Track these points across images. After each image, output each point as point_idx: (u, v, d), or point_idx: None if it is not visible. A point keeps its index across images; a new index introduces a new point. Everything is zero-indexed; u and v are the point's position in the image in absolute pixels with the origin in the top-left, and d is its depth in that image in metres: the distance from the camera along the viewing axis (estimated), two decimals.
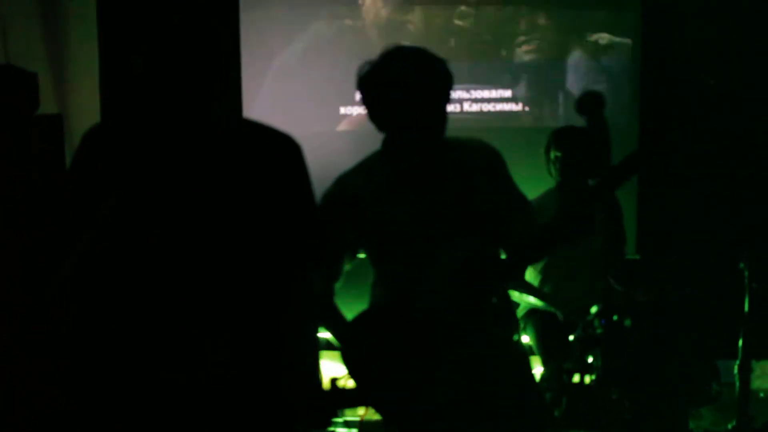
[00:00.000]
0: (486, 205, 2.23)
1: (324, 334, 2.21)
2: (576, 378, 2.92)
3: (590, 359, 2.91)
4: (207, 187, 1.71)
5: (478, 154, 2.27)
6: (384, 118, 2.17)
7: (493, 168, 2.29)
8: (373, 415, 4.04)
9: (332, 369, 2.26)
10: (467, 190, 2.22)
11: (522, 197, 2.36)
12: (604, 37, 4.66)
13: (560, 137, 3.52)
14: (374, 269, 2.31)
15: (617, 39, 4.66)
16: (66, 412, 2.02)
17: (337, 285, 2.30)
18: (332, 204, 2.22)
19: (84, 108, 3.93)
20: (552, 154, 3.52)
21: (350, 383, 2.17)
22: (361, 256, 2.32)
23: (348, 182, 2.24)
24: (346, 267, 2.30)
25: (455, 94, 4.22)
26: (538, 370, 3.43)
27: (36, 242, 2.52)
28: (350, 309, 2.26)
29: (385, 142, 2.24)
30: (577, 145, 3.44)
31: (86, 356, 1.72)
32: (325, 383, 2.02)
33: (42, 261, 2.48)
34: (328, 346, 2.39)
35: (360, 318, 2.24)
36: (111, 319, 1.70)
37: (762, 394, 3.53)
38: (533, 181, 3.12)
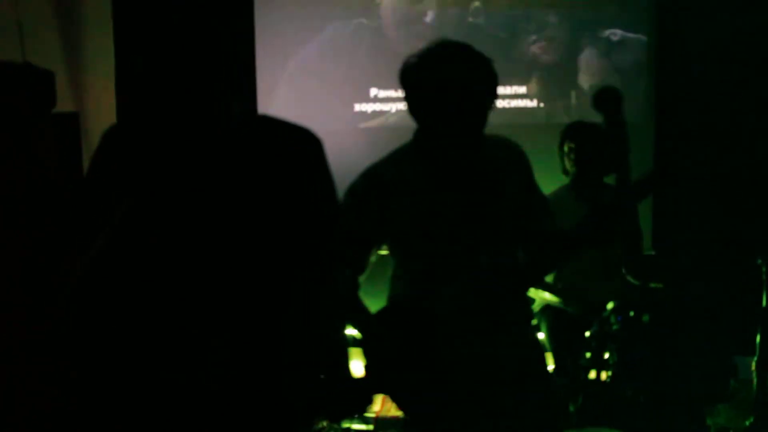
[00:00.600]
0: (513, 205, 2.24)
1: (351, 331, 2.22)
2: (592, 374, 2.91)
3: (606, 355, 2.90)
4: (227, 185, 1.71)
5: (507, 153, 2.28)
6: (428, 113, 2.14)
7: (520, 167, 2.30)
8: (388, 411, 4.05)
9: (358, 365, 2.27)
10: (497, 188, 2.22)
11: (544, 198, 2.37)
12: (616, 33, 4.65)
13: (573, 130, 3.52)
14: (396, 263, 2.30)
15: (631, 35, 4.65)
16: (71, 412, 2.03)
17: (362, 278, 2.28)
18: (361, 196, 2.20)
19: (100, 106, 3.95)
20: (566, 147, 3.52)
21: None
22: (382, 252, 2.32)
23: (378, 174, 2.21)
24: (372, 260, 2.29)
25: None
26: (550, 366, 3.43)
27: (52, 240, 2.53)
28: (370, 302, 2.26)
29: (420, 136, 2.21)
30: (590, 138, 3.44)
31: (102, 357, 1.73)
32: (356, 373, 2.02)
33: (57, 259, 2.50)
34: (354, 343, 2.39)
35: (383, 313, 2.25)
36: (129, 320, 1.70)
37: None
38: (546, 178, 3.12)
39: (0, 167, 2.44)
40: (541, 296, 3.48)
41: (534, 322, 3.54)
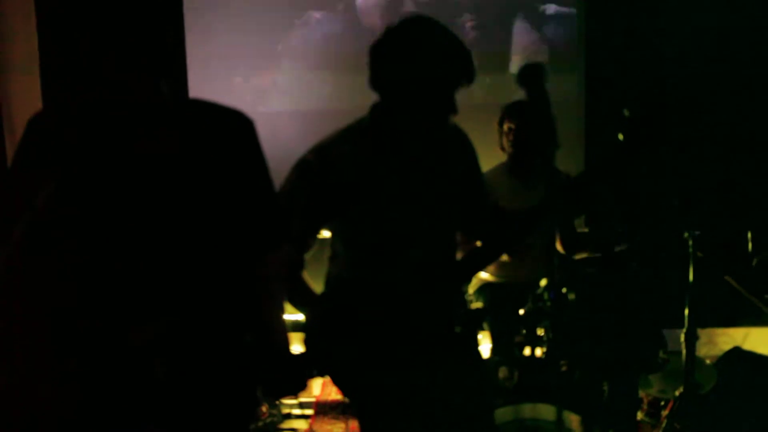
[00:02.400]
0: (461, 189, 2.25)
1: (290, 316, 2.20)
2: (527, 351, 2.95)
3: (541, 332, 2.95)
4: (156, 166, 1.68)
5: (456, 137, 2.28)
6: (396, 90, 2.08)
7: (468, 152, 2.31)
8: (329, 396, 4.05)
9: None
10: (448, 172, 2.22)
11: (484, 184, 2.39)
12: (549, 8, 4.68)
13: (513, 109, 3.54)
14: (338, 243, 2.25)
15: (563, 9, 4.68)
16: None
17: (307, 255, 2.25)
18: (310, 171, 2.14)
19: (22, 94, 3.83)
20: (506, 126, 3.55)
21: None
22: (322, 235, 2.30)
23: (330, 150, 2.16)
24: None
25: None
26: (487, 344, 3.47)
27: None
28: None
29: (378, 113, 2.16)
30: (530, 116, 3.46)
31: (30, 344, 1.69)
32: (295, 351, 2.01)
33: None
34: (293, 328, 2.38)
35: (325, 293, 2.23)
36: (53, 305, 1.66)
37: (708, 361, 3.60)
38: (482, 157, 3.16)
39: None
40: (478, 275, 3.51)
41: (473, 297, 3.59)
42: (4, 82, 3.73)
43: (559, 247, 3.61)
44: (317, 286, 2.28)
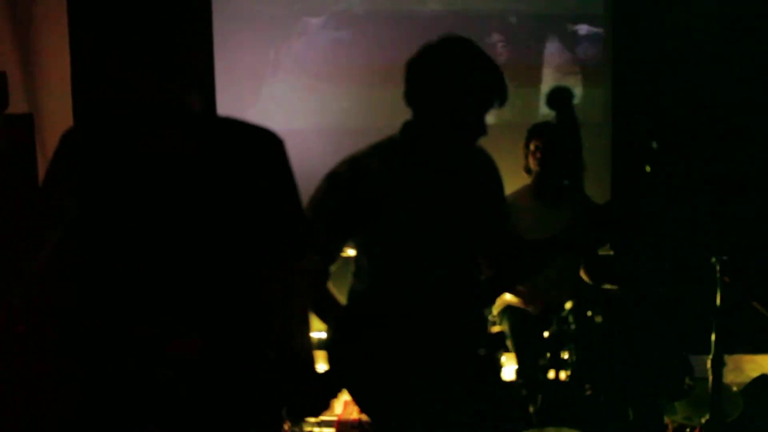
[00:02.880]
0: (485, 213, 2.27)
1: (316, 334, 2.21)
2: (551, 374, 2.93)
3: (565, 355, 2.93)
4: (189, 183, 1.70)
5: (483, 160, 2.30)
6: (432, 107, 2.11)
7: (493, 176, 2.34)
8: (350, 415, 4.04)
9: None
10: (476, 193, 2.25)
11: (507, 210, 2.41)
12: (579, 29, 4.68)
13: (541, 129, 3.54)
14: (363, 258, 2.27)
15: (592, 28, 4.69)
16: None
17: (333, 267, 2.26)
18: (341, 183, 2.17)
19: (55, 107, 3.89)
20: (532, 146, 3.54)
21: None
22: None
23: (361, 163, 2.18)
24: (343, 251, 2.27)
25: None
26: (512, 366, 3.45)
27: (6, 240, 2.49)
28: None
29: (411, 129, 2.18)
30: (557, 137, 3.46)
31: (60, 353, 1.71)
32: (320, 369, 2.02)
33: (11, 259, 2.46)
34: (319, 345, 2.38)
35: (349, 308, 2.24)
36: (86, 317, 1.68)
37: (735, 388, 3.55)
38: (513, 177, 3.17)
39: None
40: (502, 297, 3.50)
41: (497, 319, 3.58)
42: (38, 97, 3.79)
43: (583, 275, 3.58)
44: (341, 300, 2.28)
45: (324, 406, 1.96)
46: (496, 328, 3.55)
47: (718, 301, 3.09)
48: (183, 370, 1.69)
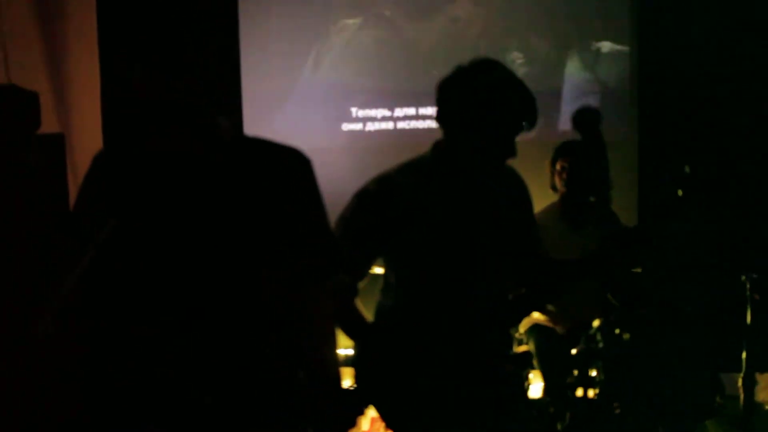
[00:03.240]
0: (517, 232, 2.28)
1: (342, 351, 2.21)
2: (579, 392, 2.91)
3: (593, 373, 2.91)
4: (216, 203, 1.72)
5: (514, 181, 2.32)
6: (463, 129, 2.13)
7: (523, 197, 2.35)
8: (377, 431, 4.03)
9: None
10: (506, 213, 2.25)
11: (537, 231, 2.41)
12: (602, 46, 4.68)
13: (567, 148, 3.53)
14: (391, 274, 2.28)
15: (616, 47, 4.68)
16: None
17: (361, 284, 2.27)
18: (369, 203, 2.19)
19: (85, 127, 3.94)
20: (558, 165, 3.53)
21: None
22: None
23: (392, 181, 2.20)
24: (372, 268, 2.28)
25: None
26: (539, 384, 3.43)
27: (38, 261, 2.52)
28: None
29: (442, 149, 2.20)
30: (583, 156, 3.45)
31: (91, 369, 1.73)
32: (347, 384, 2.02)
33: (43, 279, 2.49)
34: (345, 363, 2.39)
35: (376, 324, 2.25)
36: (119, 334, 1.70)
37: (767, 407, 3.51)
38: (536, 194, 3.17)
39: None
40: (529, 315, 3.48)
41: (523, 338, 3.56)
42: (68, 117, 3.85)
43: (610, 297, 3.56)
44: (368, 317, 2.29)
45: (350, 423, 1.96)
46: (522, 348, 3.53)
47: (748, 319, 3.07)
48: (211, 385, 1.70)
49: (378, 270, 2.33)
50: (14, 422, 2.42)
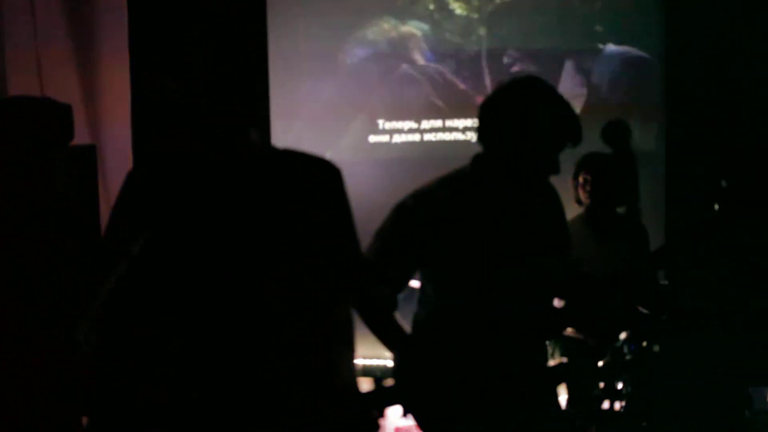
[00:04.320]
0: (554, 247, 2.29)
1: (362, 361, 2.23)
2: (605, 405, 2.89)
3: (620, 385, 2.89)
4: (249, 214, 1.74)
5: (548, 193, 2.33)
6: (504, 149, 2.14)
7: (557, 210, 2.36)
8: None
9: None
10: (543, 229, 2.27)
11: (570, 244, 2.42)
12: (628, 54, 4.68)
13: (589, 161, 3.53)
14: (429, 286, 2.29)
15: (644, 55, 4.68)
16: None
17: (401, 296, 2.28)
18: (408, 215, 2.20)
19: (116, 139, 4.01)
20: (581, 178, 3.53)
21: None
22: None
23: (431, 196, 2.21)
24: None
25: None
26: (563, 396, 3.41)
27: (69, 271, 2.56)
28: None
29: (482, 166, 2.21)
30: (605, 168, 3.44)
31: (123, 382, 1.75)
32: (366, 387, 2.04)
33: (76, 291, 2.53)
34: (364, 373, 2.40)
35: (413, 335, 2.26)
36: (153, 348, 1.73)
37: None
38: None
39: (20, 199, 2.48)
40: None
41: (550, 350, 3.55)
42: (99, 130, 3.92)
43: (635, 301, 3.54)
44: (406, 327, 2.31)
45: (370, 427, 1.97)
46: (554, 359, 3.52)
47: None
48: (232, 391, 1.72)
49: (414, 283, 2.33)
50: (17, 423, 2.46)
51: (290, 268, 1.76)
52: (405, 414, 2.19)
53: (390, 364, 2.32)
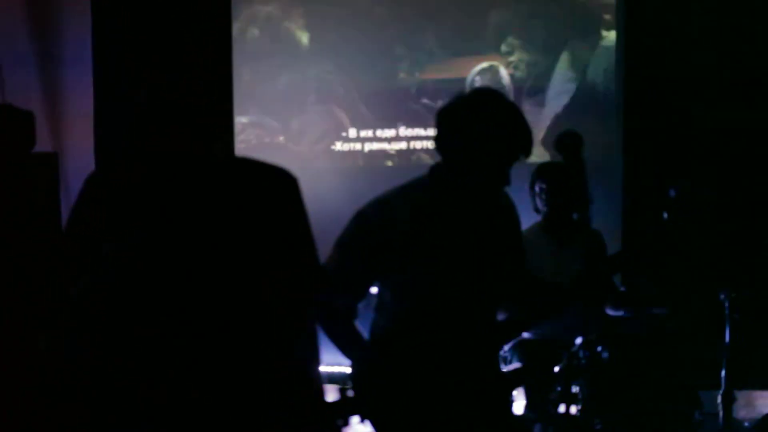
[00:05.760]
0: (506, 254, 2.33)
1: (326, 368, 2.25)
2: (562, 408, 2.96)
3: (575, 389, 2.96)
4: (209, 223, 1.77)
5: (504, 202, 2.37)
6: (461, 157, 2.17)
7: (513, 218, 2.40)
8: None
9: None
10: (500, 236, 2.31)
11: (525, 252, 2.47)
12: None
13: (544, 171, 3.60)
14: (387, 294, 2.31)
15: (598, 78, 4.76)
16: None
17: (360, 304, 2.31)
18: (368, 224, 2.22)
19: (78, 146, 3.99)
20: (537, 187, 3.61)
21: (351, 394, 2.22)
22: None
23: (388, 206, 2.23)
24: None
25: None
26: (521, 400, 3.47)
27: (30, 278, 2.56)
28: None
29: (439, 174, 2.24)
30: (560, 178, 3.52)
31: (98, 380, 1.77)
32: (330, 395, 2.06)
33: (37, 297, 2.53)
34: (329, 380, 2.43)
35: (374, 345, 2.29)
36: (118, 353, 1.75)
37: (747, 424, 3.56)
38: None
39: None
40: None
41: (509, 354, 3.61)
42: (61, 137, 3.90)
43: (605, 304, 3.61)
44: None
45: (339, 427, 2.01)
46: (510, 364, 3.58)
47: (727, 337, 3.12)
48: (208, 393, 1.75)
49: (373, 289, 2.36)
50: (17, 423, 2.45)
51: (247, 276, 1.78)
52: (362, 420, 2.23)
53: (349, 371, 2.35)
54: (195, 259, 1.75)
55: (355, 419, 2.22)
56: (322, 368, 1.99)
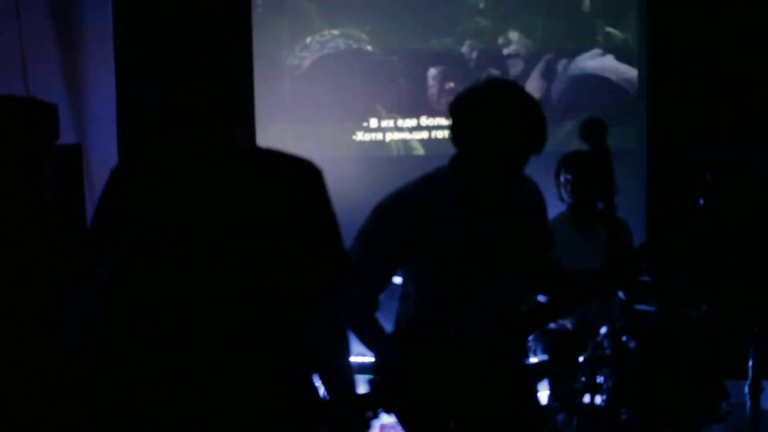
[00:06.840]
0: (535, 244, 2.32)
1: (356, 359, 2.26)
2: (586, 398, 2.94)
3: (600, 379, 2.94)
4: (232, 215, 1.77)
5: (532, 193, 2.36)
6: (477, 148, 2.15)
7: (541, 207, 2.38)
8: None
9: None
10: (523, 227, 2.29)
11: (552, 240, 2.45)
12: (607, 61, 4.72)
13: (570, 161, 3.58)
14: (410, 285, 2.32)
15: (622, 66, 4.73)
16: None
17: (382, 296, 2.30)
18: (390, 216, 2.22)
19: (101, 138, 4.02)
20: (562, 177, 3.59)
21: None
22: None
23: (410, 197, 2.23)
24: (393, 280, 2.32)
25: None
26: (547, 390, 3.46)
27: (54, 271, 2.57)
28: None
29: (458, 166, 2.23)
30: (586, 169, 3.50)
31: (110, 377, 1.78)
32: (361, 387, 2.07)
33: (59, 290, 2.54)
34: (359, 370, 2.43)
35: (397, 336, 2.29)
36: (139, 344, 1.76)
37: None
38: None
39: (5, 199, 2.50)
40: None
41: (533, 345, 3.59)
42: (85, 129, 3.92)
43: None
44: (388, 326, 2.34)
45: (363, 428, 2.01)
46: (536, 355, 3.57)
47: (754, 327, 3.08)
48: (225, 390, 1.75)
49: (397, 279, 2.36)
50: (17, 423, 2.47)
51: (272, 268, 1.79)
52: (387, 412, 2.23)
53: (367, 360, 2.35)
54: (218, 251, 1.76)
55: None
56: (353, 359, 2.00)
